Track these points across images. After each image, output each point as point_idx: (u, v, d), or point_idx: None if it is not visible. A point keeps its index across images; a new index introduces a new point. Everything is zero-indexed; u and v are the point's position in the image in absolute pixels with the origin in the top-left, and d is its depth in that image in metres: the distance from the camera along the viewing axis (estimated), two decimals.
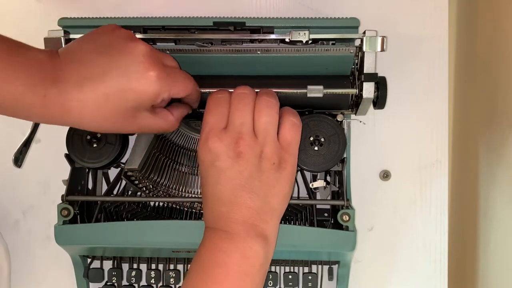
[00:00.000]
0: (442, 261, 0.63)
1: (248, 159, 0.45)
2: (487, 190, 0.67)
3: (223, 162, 0.45)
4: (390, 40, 0.55)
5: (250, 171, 0.45)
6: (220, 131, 0.45)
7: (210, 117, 0.47)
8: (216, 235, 0.45)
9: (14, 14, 0.66)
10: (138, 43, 0.44)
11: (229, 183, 0.45)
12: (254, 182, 0.45)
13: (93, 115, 0.43)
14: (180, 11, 0.56)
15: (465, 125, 0.76)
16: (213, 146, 0.45)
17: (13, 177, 0.65)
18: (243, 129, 0.45)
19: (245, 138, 0.45)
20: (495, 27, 0.66)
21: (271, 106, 0.47)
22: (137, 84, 0.43)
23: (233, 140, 0.45)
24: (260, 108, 0.46)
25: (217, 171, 0.45)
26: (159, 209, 0.59)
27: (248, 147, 0.45)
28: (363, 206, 0.63)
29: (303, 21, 0.54)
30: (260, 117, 0.46)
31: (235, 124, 0.45)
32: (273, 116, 0.46)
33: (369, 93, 0.53)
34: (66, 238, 0.53)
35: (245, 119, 0.46)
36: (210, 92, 0.52)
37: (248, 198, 0.45)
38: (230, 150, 0.45)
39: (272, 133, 0.46)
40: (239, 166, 0.45)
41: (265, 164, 0.46)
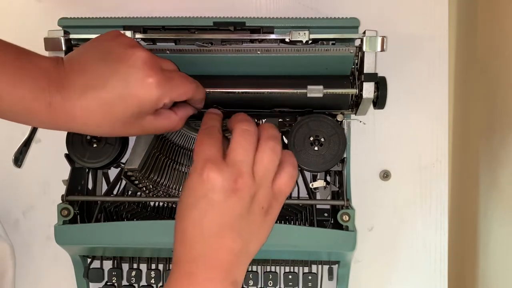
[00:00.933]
0: (442, 261, 0.63)
1: (242, 198, 0.43)
2: (487, 190, 0.67)
3: (217, 195, 0.43)
4: (390, 40, 0.55)
5: (241, 210, 0.43)
6: (220, 162, 0.43)
7: (204, 146, 0.45)
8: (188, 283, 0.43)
9: (14, 14, 0.66)
10: (137, 50, 0.44)
11: (218, 219, 0.43)
12: (241, 223, 0.44)
13: (97, 121, 0.44)
14: (180, 11, 0.56)
15: (465, 125, 0.76)
16: (210, 177, 0.42)
17: (13, 177, 0.65)
18: (243, 167, 0.44)
19: (245, 176, 0.43)
20: (495, 27, 0.66)
21: (276, 152, 0.46)
22: (137, 91, 0.43)
23: (233, 175, 0.43)
24: (263, 151, 0.45)
25: (208, 203, 0.43)
26: (159, 209, 0.59)
27: (246, 186, 0.43)
28: (363, 206, 0.63)
29: (303, 21, 0.54)
30: (263, 161, 0.45)
31: (236, 160, 0.44)
32: (275, 163, 0.46)
33: (369, 93, 0.53)
34: (66, 238, 0.53)
35: (247, 158, 0.44)
36: (211, 92, 0.52)
37: (231, 239, 0.43)
38: (227, 183, 0.43)
39: (269, 179, 0.45)
40: (232, 203, 0.43)
41: (255, 206, 0.44)
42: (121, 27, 0.52)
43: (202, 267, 0.43)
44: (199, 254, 0.43)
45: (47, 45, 0.52)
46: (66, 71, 0.43)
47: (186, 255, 0.43)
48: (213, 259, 0.43)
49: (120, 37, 0.46)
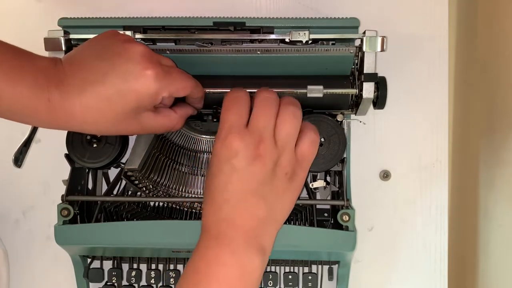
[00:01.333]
0: (442, 261, 0.63)
1: (264, 164, 0.44)
2: (487, 190, 0.67)
3: (240, 161, 0.43)
4: (390, 40, 0.55)
5: (264, 176, 0.44)
6: (242, 129, 0.44)
7: (230, 115, 0.45)
8: (216, 245, 0.43)
9: (14, 14, 0.66)
10: (135, 44, 0.44)
11: (241, 184, 0.44)
12: (265, 188, 0.44)
13: (96, 118, 0.44)
14: (180, 11, 0.56)
15: (465, 125, 0.76)
16: (233, 143, 0.44)
17: (13, 177, 0.65)
18: (265, 133, 0.44)
19: (266, 142, 0.44)
20: (495, 27, 0.66)
21: (297, 117, 0.46)
22: (135, 84, 0.43)
23: (254, 141, 0.44)
24: (285, 117, 0.46)
25: (232, 169, 0.44)
26: (159, 209, 0.59)
27: (268, 152, 0.44)
28: (363, 206, 0.63)
29: (303, 21, 0.54)
30: (284, 125, 0.45)
31: (258, 126, 0.45)
32: (296, 128, 0.46)
33: (369, 93, 0.53)
34: (66, 238, 0.53)
35: (269, 123, 0.45)
36: (210, 92, 0.52)
37: (256, 205, 0.44)
38: (249, 150, 0.44)
39: (291, 144, 0.46)
40: (255, 168, 0.44)
41: (279, 172, 0.45)
42: (121, 27, 0.52)
43: (228, 231, 0.43)
44: (226, 218, 0.44)
45: (47, 45, 0.52)
46: (65, 69, 0.44)
47: (214, 218, 0.44)
48: (238, 223, 0.43)
49: (117, 35, 0.46)
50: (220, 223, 0.44)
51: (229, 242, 0.43)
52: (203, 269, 0.43)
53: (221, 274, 0.42)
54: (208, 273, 0.42)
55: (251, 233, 0.44)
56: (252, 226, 0.44)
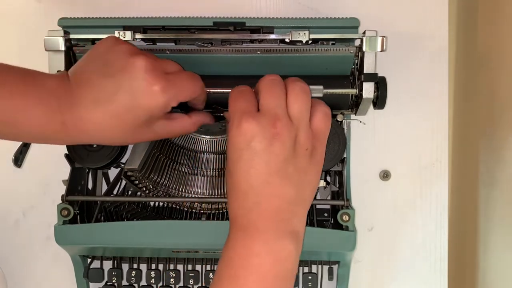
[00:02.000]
0: (442, 261, 0.63)
1: (284, 142, 0.42)
2: (487, 190, 0.67)
3: (259, 143, 0.42)
4: (390, 40, 0.55)
5: (285, 155, 0.43)
6: (254, 113, 0.43)
7: (240, 103, 0.44)
8: (246, 235, 0.43)
9: (14, 14, 0.66)
10: (137, 58, 0.44)
11: (264, 167, 0.42)
12: (288, 167, 0.43)
13: (110, 133, 0.45)
14: (180, 11, 0.56)
15: (465, 125, 0.76)
16: (248, 127, 0.42)
17: (13, 177, 0.65)
18: (278, 111, 0.43)
19: (282, 120, 0.43)
20: (495, 27, 0.66)
21: (306, 92, 0.45)
22: (143, 101, 0.43)
23: (270, 121, 0.42)
24: (294, 93, 0.44)
25: (252, 153, 0.42)
26: (159, 209, 0.59)
27: (285, 129, 0.42)
28: (363, 206, 0.63)
29: (303, 21, 0.54)
30: (296, 101, 0.44)
31: (270, 106, 0.43)
32: (307, 102, 0.45)
33: (369, 93, 0.53)
34: (66, 238, 0.53)
35: (280, 102, 0.44)
36: (210, 92, 0.52)
37: (281, 185, 0.43)
38: (266, 130, 0.42)
39: (306, 119, 0.44)
40: (275, 148, 0.42)
41: (299, 149, 0.44)
42: (121, 27, 0.52)
43: (256, 218, 0.43)
44: (252, 205, 0.43)
45: (47, 45, 0.52)
46: (73, 88, 0.44)
47: (240, 209, 0.43)
48: (267, 208, 0.42)
49: (118, 45, 0.45)
50: (248, 212, 0.43)
51: (259, 231, 0.42)
52: (237, 262, 0.42)
53: (255, 264, 0.42)
54: (242, 265, 0.42)
55: (281, 216, 0.43)
56: (280, 208, 0.43)
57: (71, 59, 0.54)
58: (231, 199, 0.44)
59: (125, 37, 0.51)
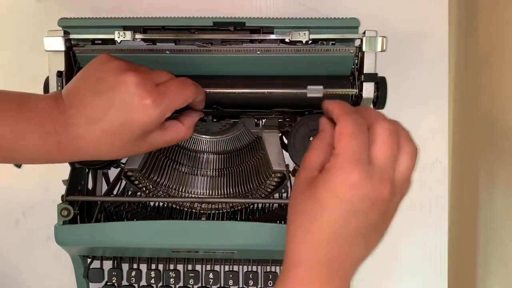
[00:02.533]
0: (442, 261, 0.63)
1: (382, 208, 0.39)
2: (487, 190, 0.67)
3: (364, 204, 0.38)
4: (390, 40, 0.55)
5: (377, 220, 0.40)
6: (367, 166, 0.39)
7: (356, 144, 0.39)
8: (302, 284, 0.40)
9: (14, 14, 0.66)
10: (127, 75, 0.44)
11: (355, 227, 0.39)
12: (372, 232, 0.41)
13: (106, 149, 0.46)
14: (180, 11, 0.56)
15: (465, 125, 0.76)
16: (359, 183, 0.38)
17: (13, 177, 0.65)
18: (391, 172, 0.39)
19: (390, 185, 0.39)
20: (495, 27, 0.66)
21: (415, 156, 0.41)
22: (137, 116, 0.44)
23: (380, 181, 0.39)
24: (409, 157, 0.40)
25: (352, 209, 0.38)
26: (159, 209, 0.59)
27: (391, 194, 0.39)
28: None
29: (303, 21, 0.54)
30: (406, 166, 0.40)
31: (386, 164, 0.39)
32: (414, 163, 0.41)
33: (369, 93, 0.53)
34: (66, 238, 0.53)
35: (393, 163, 0.40)
36: (211, 92, 0.52)
37: (359, 248, 0.40)
38: (374, 192, 0.38)
39: (404, 185, 0.41)
40: (374, 213, 0.39)
41: (388, 213, 0.41)
42: (121, 27, 0.52)
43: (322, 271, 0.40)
44: (324, 259, 0.40)
45: (47, 45, 0.52)
46: (66, 108, 0.44)
47: (307, 258, 0.40)
48: (335, 265, 0.40)
49: (108, 62, 0.45)
50: (316, 265, 0.40)
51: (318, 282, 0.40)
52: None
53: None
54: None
55: (344, 275, 0.41)
56: (348, 268, 0.41)
57: (71, 59, 0.54)
58: (297, 239, 0.41)
59: (125, 37, 0.51)
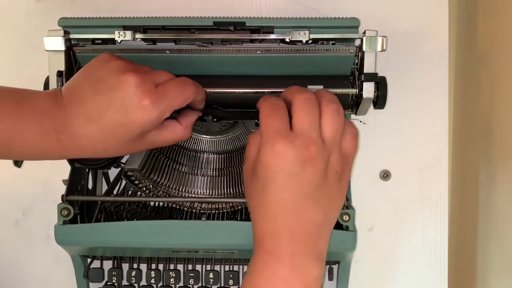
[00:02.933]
0: (442, 261, 0.63)
1: (317, 167, 0.42)
2: (487, 190, 0.67)
3: (294, 167, 0.41)
4: (390, 39, 0.55)
5: (318, 179, 0.42)
6: (289, 134, 0.42)
7: (273, 120, 0.43)
8: (274, 259, 0.42)
9: (14, 14, 0.66)
10: (128, 75, 0.44)
11: (297, 190, 0.42)
12: (320, 192, 0.43)
13: (105, 147, 0.46)
14: (180, 11, 0.56)
15: (465, 125, 0.76)
16: (283, 150, 0.41)
17: (13, 177, 0.65)
18: (313, 134, 0.42)
19: (316, 143, 0.42)
20: (496, 26, 0.66)
21: (340, 114, 0.44)
22: (136, 116, 0.44)
23: (304, 144, 0.42)
24: (328, 115, 0.44)
25: (286, 176, 0.42)
26: (159, 209, 0.59)
27: (319, 153, 0.42)
28: (363, 206, 0.63)
29: (303, 21, 0.54)
30: (329, 123, 0.43)
31: (304, 128, 0.42)
32: (341, 125, 0.44)
33: (369, 93, 0.53)
34: (66, 238, 0.53)
35: (314, 123, 0.43)
36: (211, 92, 0.52)
37: (313, 210, 0.43)
38: (301, 154, 0.41)
39: (338, 142, 0.44)
40: (309, 173, 0.42)
41: (330, 173, 0.43)
42: (121, 27, 0.52)
43: (286, 241, 0.42)
44: (283, 228, 0.42)
45: (47, 45, 0.52)
46: (66, 106, 0.45)
47: (268, 232, 0.43)
48: (297, 232, 0.42)
49: (109, 62, 0.45)
50: (276, 236, 0.42)
51: (288, 255, 0.42)
52: (262, 284, 0.42)
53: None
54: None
55: (309, 240, 0.43)
56: (310, 232, 0.43)
57: (71, 59, 0.54)
58: (257, 220, 0.44)
59: (125, 37, 0.51)
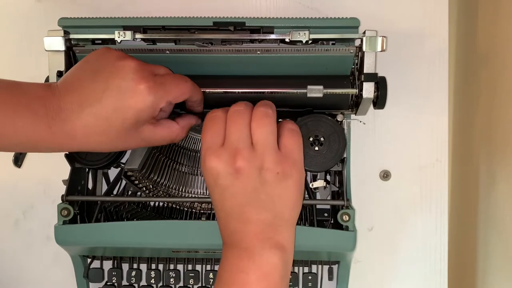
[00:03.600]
0: (442, 261, 0.63)
1: (248, 174, 0.44)
2: (487, 190, 0.67)
3: (224, 180, 0.44)
4: (390, 39, 0.55)
5: (253, 185, 0.44)
6: (217, 149, 0.44)
7: (206, 136, 0.45)
8: (233, 254, 0.44)
9: (14, 14, 0.66)
10: (126, 61, 0.44)
11: (235, 200, 0.44)
12: (259, 196, 0.44)
13: (98, 137, 0.45)
14: (180, 11, 0.56)
15: (465, 124, 0.76)
16: (211, 166, 0.44)
17: (13, 177, 0.65)
18: (239, 144, 0.44)
19: (243, 153, 0.44)
20: (495, 27, 0.66)
21: (268, 115, 0.45)
22: (131, 101, 0.44)
23: (231, 156, 0.44)
24: (256, 119, 0.45)
25: (221, 189, 0.44)
26: (159, 209, 0.59)
27: (247, 161, 0.43)
28: (363, 206, 0.63)
29: (303, 21, 0.54)
30: (258, 127, 0.44)
31: (232, 140, 0.44)
32: (270, 124, 0.45)
33: (369, 93, 0.53)
34: (66, 238, 0.53)
35: (242, 133, 0.44)
36: (210, 92, 0.52)
37: (255, 213, 0.44)
38: (229, 167, 0.43)
39: (271, 143, 0.45)
40: (241, 182, 0.44)
41: (268, 175, 0.44)
42: (121, 27, 0.52)
43: (240, 239, 0.44)
44: (234, 229, 0.45)
45: (47, 45, 0.52)
46: (61, 94, 0.44)
47: (226, 231, 0.45)
48: (248, 231, 0.44)
49: (107, 52, 0.46)
50: (231, 233, 0.45)
51: (243, 249, 0.44)
52: (227, 278, 0.44)
53: (242, 280, 0.43)
54: (231, 281, 0.43)
55: (263, 236, 0.44)
56: (262, 230, 0.44)
57: (71, 59, 0.54)
58: (218, 220, 0.47)
59: (125, 37, 0.51)
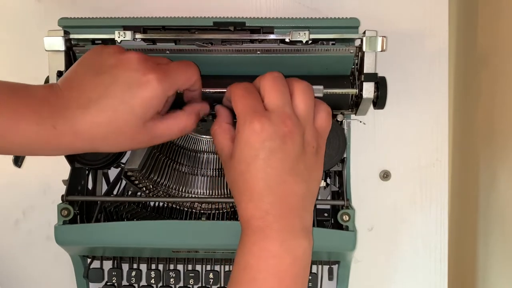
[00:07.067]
0: (442, 261, 0.63)
1: (295, 140, 0.43)
2: (487, 190, 0.67)
3: (274, 142, 0.42)
4: (390, 39, 0.55)
5: (296, 153, 0.43)
6: (265, 112, 0.43)
7: (248, 100, 0.44)
8: (263, 237, 0.43)
9: (14, 14, 0.66)
10: (129, 53, 0.44)
11: (279, 165, 0.43)
12: (299, 165, 0.44)
13: (104, 134, 0.43)
14: (180, 11, 0.56)
15: (465, 124, 0.76)
16: (262, 127, 0.42)
17: (13, 177, 0.65)
18: (287, 109, 0.44)
19: (292, 118, 0.43)
20: (495, 27, 0.66)
21: (311, 91, 0.46)
22: (140, 91, 0.43)
23: (281, 119, 0.43)
24: (299, 93, 0.45)
25: (268, 152, 0.42)
26: (159, 209, 0.59)
27: (295, 127, 0.43)
28: (363, 206, 0.63)
29: (303, 21, 0.54)
30: (301, 100, 0.45)
31: (277, 104, 0.44)
32: (312, 101, 0.46)
33: (369, 93, 0.53)
34: (66, 238, 0.53)
35: (286, 100, 0.44)
36: (210, 92, 0.52)
37: (295, 183, 0.43)
38: (279, 129, 0.43)
39: (311, 117, 0.46)
40: (288, 146, 0.43)
41: (307, 146, 0.45)
42: (121, 27, 0.52)
43: (273, 218, 0.43)
44: (269, 205, 0.43)
45: (47, 45, 0.52)
46: (64, 93, 0.43)
47: (255, 211, 0.43)
48: (283, 207, 0.43)
49: (106, 47, 0.45)
50: (263, 213, 0.43)
51: (276, 232, 0.43)
52: (255, 265, 0.42)
53: (274, 265, 0.42)
54: (261, 268, 0.42)
55: (295, 214, 0.43)
56: (295, 206, 0.44)
57: (71, 59, 0.54)
58: (243, 201, 0.44)
59: (125, 37, 0.51)
